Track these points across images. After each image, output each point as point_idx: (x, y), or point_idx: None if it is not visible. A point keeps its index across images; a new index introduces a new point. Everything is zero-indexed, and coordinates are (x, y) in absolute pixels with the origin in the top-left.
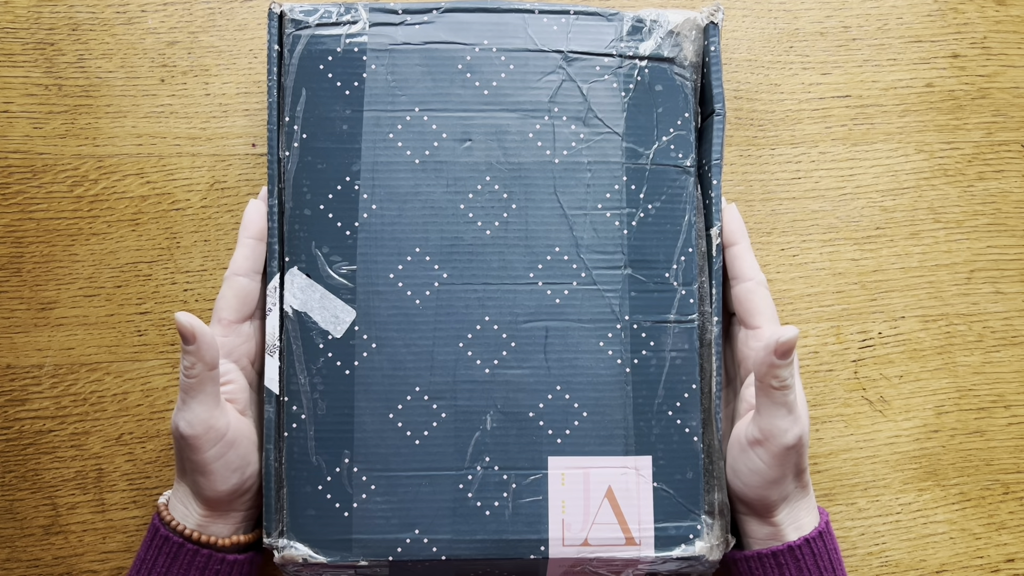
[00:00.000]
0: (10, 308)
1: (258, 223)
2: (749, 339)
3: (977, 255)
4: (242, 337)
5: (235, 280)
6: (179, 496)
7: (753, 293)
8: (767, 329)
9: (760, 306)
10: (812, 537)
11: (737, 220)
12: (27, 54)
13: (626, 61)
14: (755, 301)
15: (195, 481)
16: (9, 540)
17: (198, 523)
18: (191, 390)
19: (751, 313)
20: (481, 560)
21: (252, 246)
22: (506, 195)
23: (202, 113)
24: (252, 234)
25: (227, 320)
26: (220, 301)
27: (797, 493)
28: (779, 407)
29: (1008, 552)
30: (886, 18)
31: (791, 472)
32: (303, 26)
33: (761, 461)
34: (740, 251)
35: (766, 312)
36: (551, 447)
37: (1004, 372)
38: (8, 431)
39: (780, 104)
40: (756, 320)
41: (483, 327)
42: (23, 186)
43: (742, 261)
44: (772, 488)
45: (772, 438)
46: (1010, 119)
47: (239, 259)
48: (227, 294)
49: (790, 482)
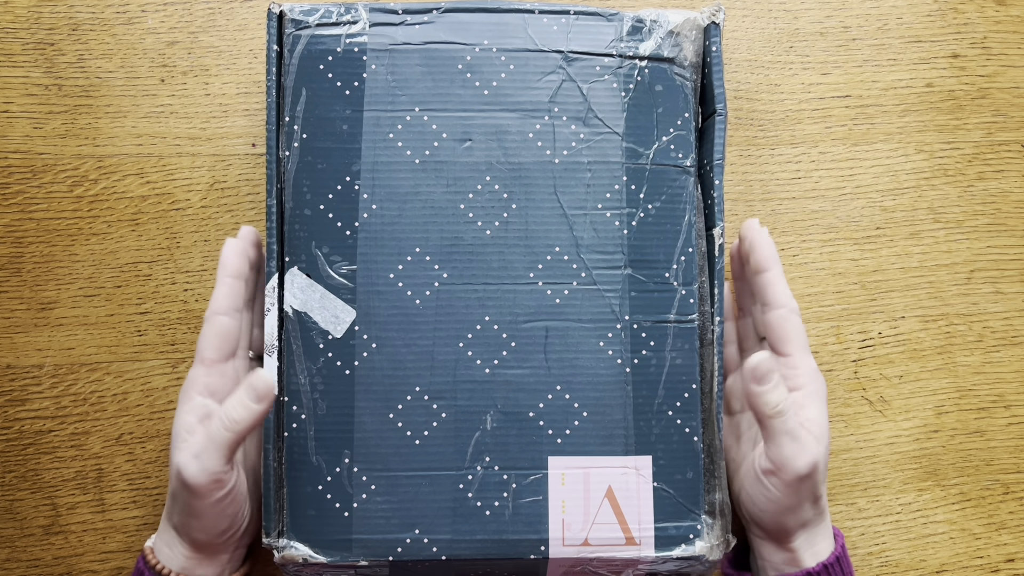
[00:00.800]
0: (10, 308)
1: (235, 262)
2: (779, 367)
3: (977, 255)
4: (226, 377)
5: (216, 319)
6: (164, 539)
7: (786, 320)
8: (797, 358)
9: (792, 334)
10: (829, 563)
11: (769, 245)
12: (27, 54)
13: (626, 61)
14: (787, 329)
15: (186, 524)
16: (9, 540)
17: (183, 565)
18: (224, 444)
19: (783, 341)
20: (481, 560)
21: (231, 284)
22: (506, 195)
23: (202, 113)
24: (230, 272)
25: (210, 359)
26: (202, 340)
27: (815, 519)
28: (781, 435)
29: (1008, 552)
30: (886, 18)
31: (808, 499)
32: (303, 26)
33: (776, 490)
34: (773, 277)
35: (796, 340)
36: (551, 447)
37: (1004, 372)
38: (8, 431)
39: (780, 104)
40: (787, 348)
41: (483, 327)
42: (23, 186)
43: (774, 288)
44: (789, 515)
45: (783, 468)
46: (1010, 119)
47: (219, 297)
48: (208, 333)
49: (807, 509)
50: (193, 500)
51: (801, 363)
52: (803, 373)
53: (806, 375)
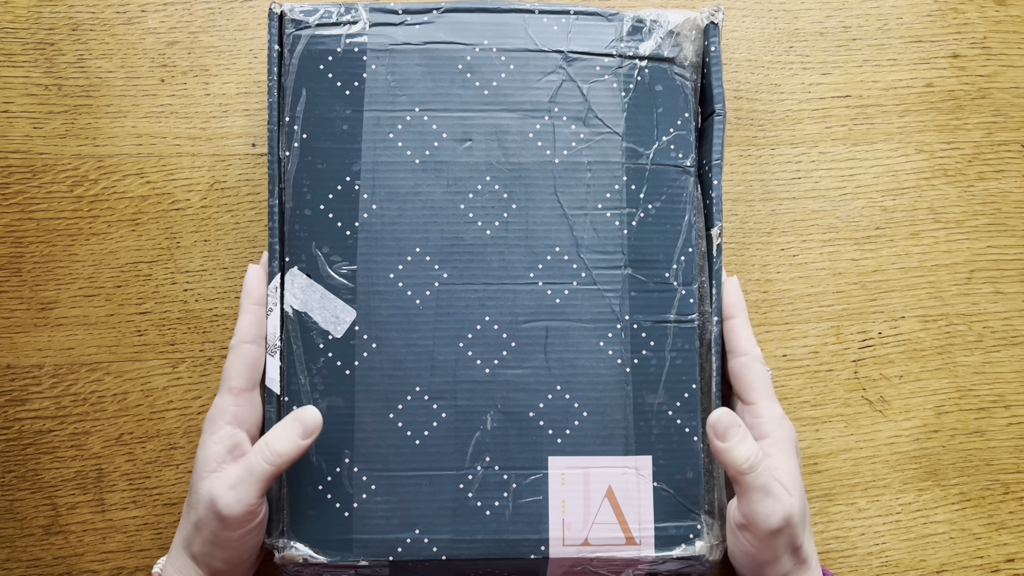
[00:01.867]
0: (10, 308)
1: (260, 289)
2: (745, 415)
3: (977, 255)
4: (253, 406)
5: (243, 348)
6: (177, 565)
7: (748, 368)
8: (760, 405)
9: (754, 382)
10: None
11: (736, 294)
12: (27, 54)
13: (626, 61)
14: (749, 377)
15: (209, 553)
16: (9, 540)
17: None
18: (262, 475)
19: (746, 389)
20: (481, 560)
21: (256, 312)
22: (506, 195)
23: (202, 113)
24: (255, 300)
25: (238, 388)
26: (230, 369)
27: (796, 569)
28: (754, 491)
29: (1008, 552)
30: (886, 18)
31: (785, 552)
32: (303, 26)
33: (751, 544)
34: (736, 325)
35: (759, 388)
36: (551, 447)
37: (1004, 372)
38: (8, 431)
39: (780, 104)
40: (750, 396)
41: (483, 327)
42: (23, 186)
43: (737, 336)
44: (767, 568)
45: (755, 523)
46: (1010, 119)
47: (245, 327)
48: (236, 362)
49: (786, 561)
50: (224, 531)
51: (765, 411)
52: (767, 421)
53: (771, 422)
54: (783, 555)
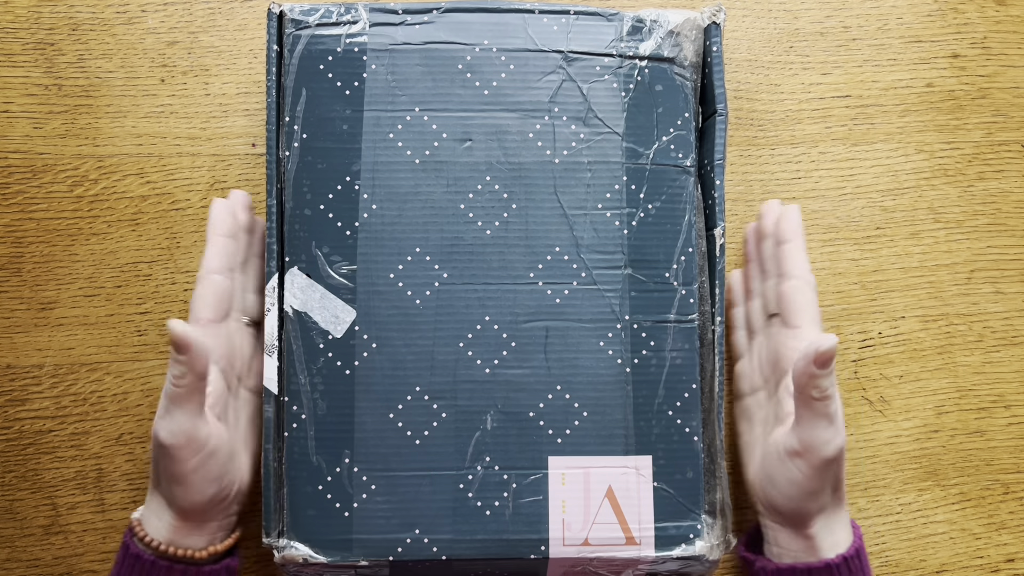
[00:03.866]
0: (10, 308)
1: (227, 220)
2: (789, 339)
3: (977, 255)
4: (220, 337)
5: (211, 278)
6: (152, 508)
7: (800, 292)
8: (807, 331)
9: (805, 305)
10: (849, 556)
11: (796, 219)
12: (27, 54)
13: (626, 61)
14: (800, 300)
15: (171, 492)
16: (9, 540)
17: (171, 536)
18: (177, 399)
19: (794, 312)
20: (481, 560)
21: (224, 243)
22: (506, 195)
23: (202, 113)
24: (222, 232)
25: (205, 319)
26: (197, 301)
27: (833, 506)
28: (820, 418)
29: (1008, 552)
30: (886, 18)
31: (830, 484)
32: (303, 26)
33: (800, 472)
34: (792, 249)
35: (809, 313)
36: (551, 447)
37: (1004, 372)
38: (8, 431)
39: (780, 104)
40: (797, 319)
41: (483, 327)
42: (23, 186)
43: (792, 258)
44: (809, 500)
45: (813, 450)
46: (1010, 119)
47: (211, 256)
48: (204, 293)
49: (827, 494)
50: (173, 466)
51: (811, 336)
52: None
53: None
54: (827, 487)
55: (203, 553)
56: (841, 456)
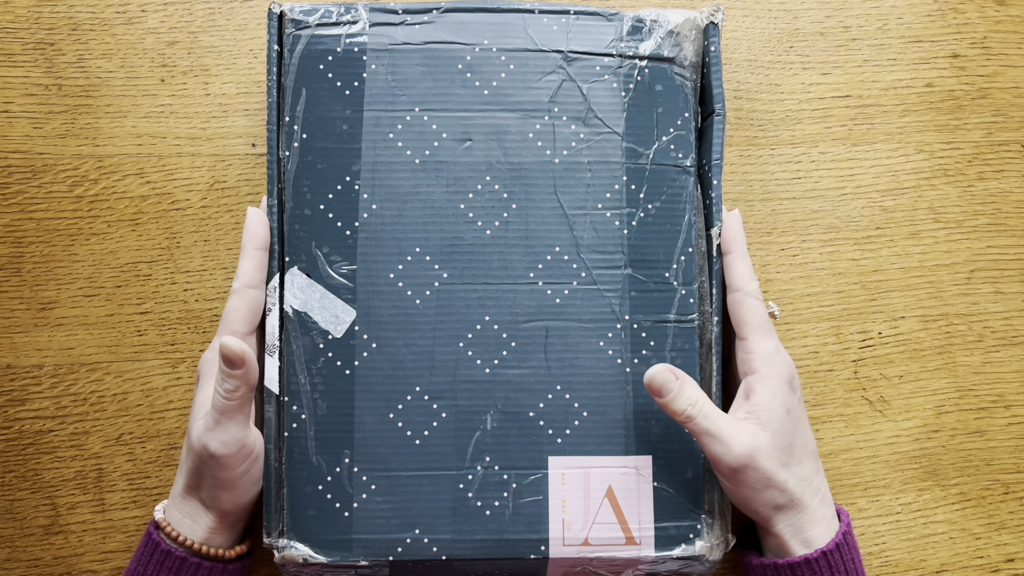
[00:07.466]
0: (10, 308)
1: (262, 233)
2: (739, 351)
3: (977, 255)
4: (253, 349)
5: (246, 292)
6: (186, 511)
7: (740, 304)
8: (751, 341)
9: (746, 317)
10: (813, 557)
11: (735, 228)
12: (27, 54)
13: (626, 61)
14: (741, 312)
15: (216, 496)
16: (9, 540)
17: (205, 536)
18: (228, 411)
19: (738, 324)
20: (481, 560)
21: (259, 256)
22: (506, 195)
23: (202, 113)
24: (258, 245)
25: (240, 332)
26: (232, 313)
27: (789, 504)
28: (700, 435)
29: (1008, 552)
30: (886, 18)
31: (760, 486)
32: (303, 26)
33: (723, 481)
34: (733, 260)
35: (751, 323)
36: (551, 447)
37: (1004, 372)
38: (8, 431)
39: (780, 104)
40: (742, 331)
41: (483, 327)
42: (23, 186)
43: (732, 271)
44: (751, 503)
45: (714, 463)
46: (1010, 119)
47: (248, 270)
48: (240, 306)
49: (772, 493)
50: (223, 473)
51: (755, 346)
52: (756, 356)
53: (760, 358)
54: (763, 490)
55: (232, 553)
56: (752, 461)
